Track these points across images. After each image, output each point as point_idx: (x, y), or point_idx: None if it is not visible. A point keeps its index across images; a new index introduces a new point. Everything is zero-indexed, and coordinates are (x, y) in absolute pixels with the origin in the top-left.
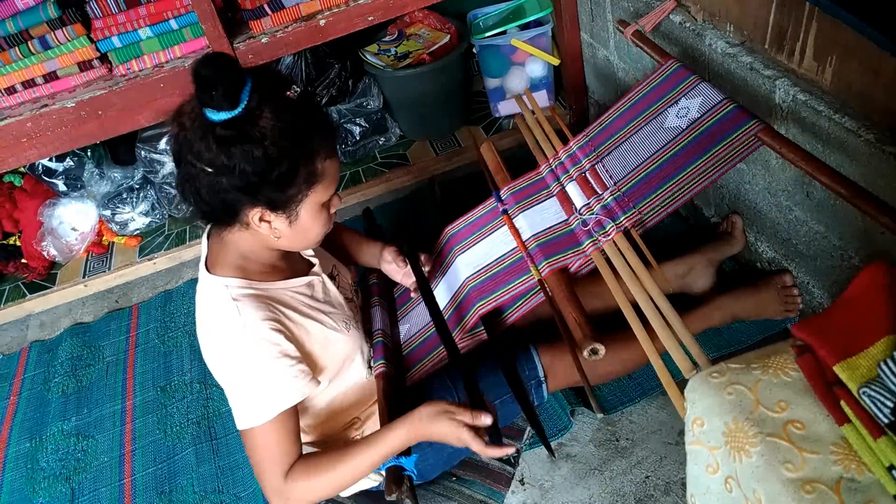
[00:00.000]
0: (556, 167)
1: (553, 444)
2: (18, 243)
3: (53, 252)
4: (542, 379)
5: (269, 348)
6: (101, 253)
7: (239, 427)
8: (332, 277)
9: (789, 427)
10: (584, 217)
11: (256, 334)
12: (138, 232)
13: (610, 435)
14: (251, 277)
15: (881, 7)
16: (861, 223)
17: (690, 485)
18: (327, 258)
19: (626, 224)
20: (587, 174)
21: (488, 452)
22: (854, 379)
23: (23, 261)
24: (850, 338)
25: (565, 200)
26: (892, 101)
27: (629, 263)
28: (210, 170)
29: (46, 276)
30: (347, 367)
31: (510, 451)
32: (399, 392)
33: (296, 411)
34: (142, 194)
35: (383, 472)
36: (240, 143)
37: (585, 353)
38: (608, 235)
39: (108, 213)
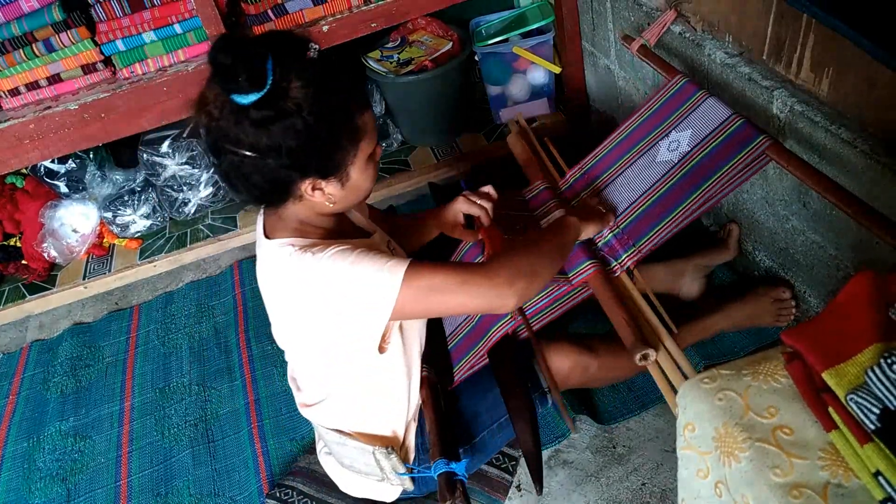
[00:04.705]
0: (559, 195)
1: (550, 451)
2: (19, 244)
3: (54, 253)
4: (546, 390)
5: (349, 252)
6: (101, 255)
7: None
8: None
9: (778, 432)
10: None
11: (332, 252)
12: (139, 234)
13: (607, 442)
14: (312, 237)
15: (877, 19)
16: (857, 233)
17: (682, 489)
18: (382, 234)
19: (628, 263)
20: None
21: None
22: (842, 385)
23: (23, 262)
24: (838, 345)
25: None
26: (887, 112)
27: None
28: (253, 154)
29: (46, 277)
30: (408, 343)
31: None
32: (446, 397)
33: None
34: (143, 197)
35: (402, 478)
36: (277, 120)
37: (637, 358)
38: (613, 274)
39: (109, 215)
